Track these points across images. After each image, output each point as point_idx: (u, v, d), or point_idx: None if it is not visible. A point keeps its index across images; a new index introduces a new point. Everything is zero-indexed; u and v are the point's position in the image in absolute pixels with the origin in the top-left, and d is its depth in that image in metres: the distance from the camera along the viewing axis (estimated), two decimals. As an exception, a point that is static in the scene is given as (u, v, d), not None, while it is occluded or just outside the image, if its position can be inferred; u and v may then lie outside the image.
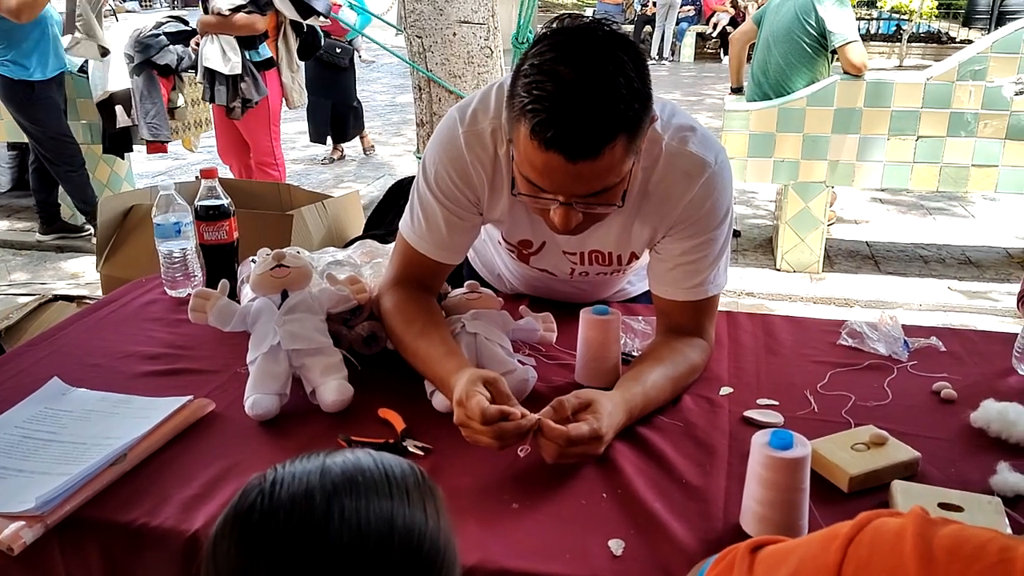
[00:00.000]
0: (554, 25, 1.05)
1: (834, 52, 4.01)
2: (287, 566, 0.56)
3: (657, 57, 13.27)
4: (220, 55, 3.93)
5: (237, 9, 3.93)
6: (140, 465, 1.08)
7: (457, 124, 1.24)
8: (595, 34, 1.02)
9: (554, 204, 1.10)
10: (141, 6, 21.13)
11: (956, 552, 0.53)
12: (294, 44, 4.25)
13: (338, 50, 6.11)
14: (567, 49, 1.00)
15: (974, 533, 0.55)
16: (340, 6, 5.92)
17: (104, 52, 4.09)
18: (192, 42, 4.20)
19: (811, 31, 4.03)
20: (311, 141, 6.78)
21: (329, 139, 6.70)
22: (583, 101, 0.98)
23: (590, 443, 1.04)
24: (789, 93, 4.08)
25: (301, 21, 4.12)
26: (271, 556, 0.56)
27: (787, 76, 4.15)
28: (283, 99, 4.30)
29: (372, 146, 7.14)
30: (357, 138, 6.92)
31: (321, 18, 4.26)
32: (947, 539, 0.54)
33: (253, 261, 1.39)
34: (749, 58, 4.68)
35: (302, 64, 4.38)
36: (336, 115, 6.46)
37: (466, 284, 1.40)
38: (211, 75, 3.97)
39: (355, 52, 5.93)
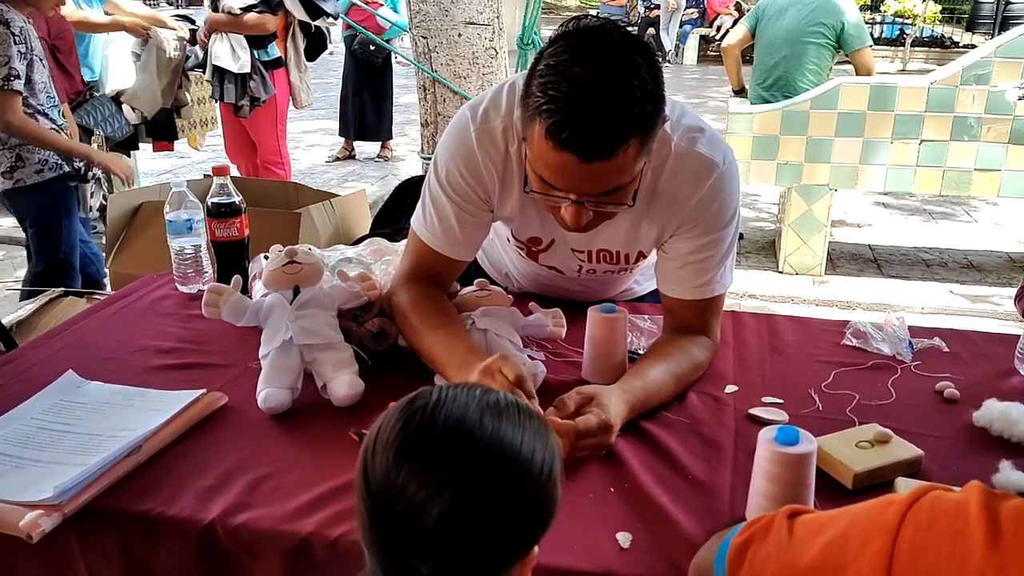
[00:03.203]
0: (569, 26, 1.06)
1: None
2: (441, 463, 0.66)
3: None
4: (230, 53, 3.95)
5: (248, 8, 3.95)
6: (155, 456, 1.09)
7: (469, 122, 1.26)
8: (610, 36, 1.03)
9: (566, 202, 1.11)
10: (146, 5, 21.16)
11: (1022, 522, 0.55)
12: (302, 44, 4.27)
13: (372, 47, 6.00)
14: (582, 50, 1.02)
15: None
16: (380, 4, 5.84)
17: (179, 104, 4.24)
18: (199, 36, 4.21)
19: (825, 34, 4.06)
20: (339, 135, 6.80)
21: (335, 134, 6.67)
22: (598, 103, 0.99)
23: (600, 433, 1.06)
24: (794, 96, 4.09)
25: (310, 22, 4.14)
26: (429, 454, 0.67)
27: (792, 79, 4.17)
28: (290, 99, 4.32)
29: (390, 153, 6.96)
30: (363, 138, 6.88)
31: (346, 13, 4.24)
32: (1012, 510, 0.56)
33: (265, 257, 1.41)
34: (747, 60, 4.68)
35: (309, 65, 4.40)
36: (366, 112, 6.41)
37: (476, 282, 1.42)
38: (220, 73, 3.99)
39: (393, 52, 5.86)
